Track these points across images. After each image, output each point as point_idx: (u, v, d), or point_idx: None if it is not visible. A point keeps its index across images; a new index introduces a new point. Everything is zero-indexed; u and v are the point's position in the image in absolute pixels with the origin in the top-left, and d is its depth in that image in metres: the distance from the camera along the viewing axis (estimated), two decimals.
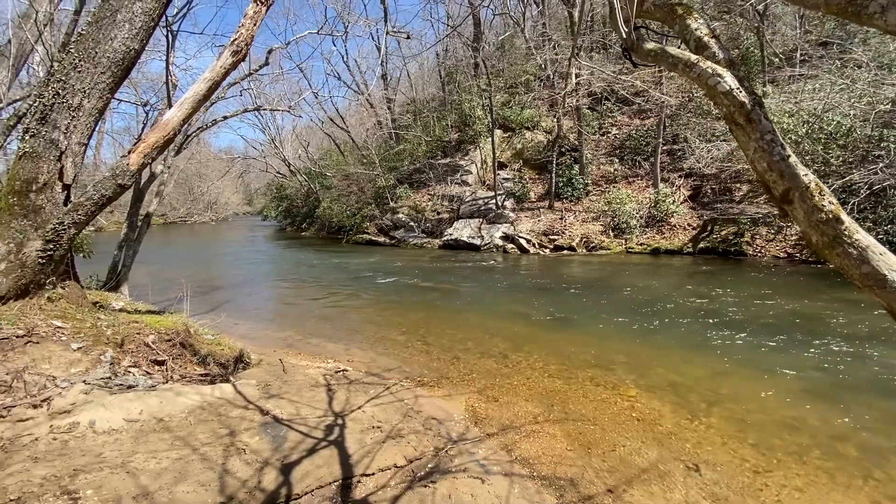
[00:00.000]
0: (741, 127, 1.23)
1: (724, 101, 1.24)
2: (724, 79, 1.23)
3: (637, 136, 20.21)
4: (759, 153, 1.18)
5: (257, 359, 5.55)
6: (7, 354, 3.48)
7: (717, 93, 1.24)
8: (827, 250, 1.08)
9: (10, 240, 4.04)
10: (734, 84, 1.23)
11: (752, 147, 1.21)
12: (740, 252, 14.18)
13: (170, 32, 7.47)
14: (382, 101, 29.51)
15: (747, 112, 1.21)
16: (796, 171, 1.12)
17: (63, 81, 4.22)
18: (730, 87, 1.22)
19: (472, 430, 4.01)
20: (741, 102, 1.22)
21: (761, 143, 1.17)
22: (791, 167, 1.14)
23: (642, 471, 3.46)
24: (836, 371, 5.44)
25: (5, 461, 2.86)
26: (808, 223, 1.09)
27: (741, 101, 1.22)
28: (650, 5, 1.44)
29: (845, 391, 4.92)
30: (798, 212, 1.14)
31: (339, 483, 3.05)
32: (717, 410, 4.50)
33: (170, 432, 3.40)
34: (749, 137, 1.21)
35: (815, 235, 1.08)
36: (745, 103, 1.22)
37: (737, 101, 1.23)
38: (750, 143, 1.22)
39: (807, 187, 1.10)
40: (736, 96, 1.23)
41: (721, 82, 1.23)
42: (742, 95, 1.23)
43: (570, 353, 6.23)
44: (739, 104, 1.22)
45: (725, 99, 1.23)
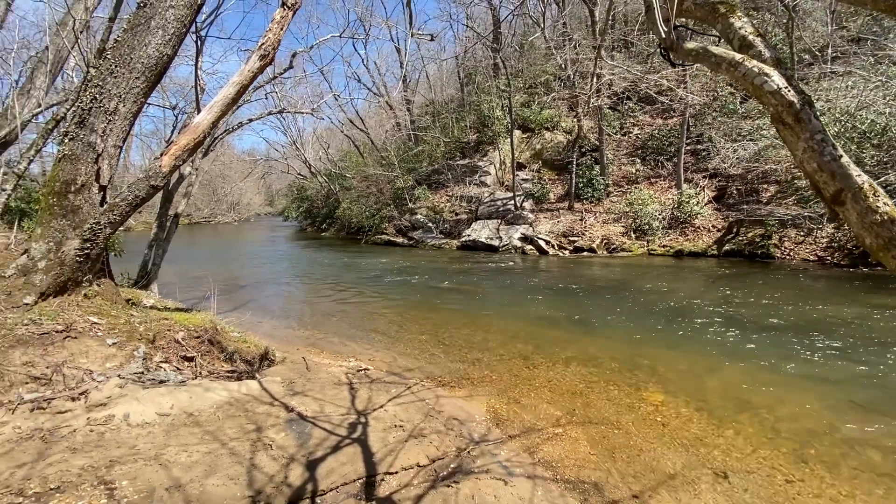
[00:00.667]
0: (789, 127, 1.19)
1: (771, 100, 1.21)
2: (772, 78, 1.20)
3: (660, 135, 19.84)
4: (808, 153, 1.14)
5: (281, 356, 5.65)
6: (48, 349, 3.63)
7: (764, 92, 1.21)
8: (882, 252, 1.04)
9: (50, 239, 4.21)
10: (782, 83, 1.19)
11: (801, 147, 1.18)
12: (767, 255, 13.78)
13: (198, 38, 7.69)
14: (401, 102, 29.72)
15: (796, 111, 1.17)
16: (849, 172, 1.09)
17: (100, 86, 4.38)
18: (777, 87, 1.19)
19: (493, 431, 4.00)
20: (789, 102, 1.19)
21: (811, 144, 1.14)
22: (843, 167, 1.10)
23: (669, 476, 3.40)
24: (873, 379, 5.24)
25: (46, 451, 2.98)
26: (862, 225, 1.05)
27: (789, 101, 1.19)
28: (690, 4, 1.42)
29: (883, 400, 4.73)
30: (851, 213, 1.10)
31: (363, 480, 3.09)
32: (746, 417, 4.38)
33: (199, 427, 3.50)
34: (798, 137, 1.18)
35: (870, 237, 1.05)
36: (793, 102, 1.18)
37: (785, 100, 1.19)
38: (799, 144, 1.18)
39: (860, 188, 1.07)
40: (784, 95, 1.19)
41: (768, 81, 1.20)
42: (790, 94, 1.19)
43: (592, 355, 6.15)
44: (788, 103, 1.19)
45: (773, 98, 1.20)
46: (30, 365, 3.46)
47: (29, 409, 3.23)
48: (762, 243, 14.14)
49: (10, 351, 3.48)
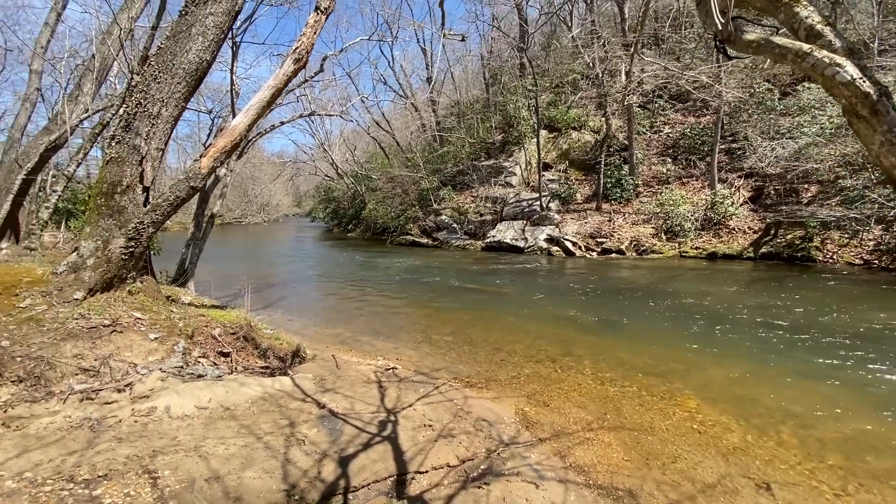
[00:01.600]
0: (865, 120, 1.13)
1: (843, 92, 1.14)
2: (844, 68, 1.13)
3: (692, 134, 19.25)
4: (886, 147, 1.07)
5: (311, 354, 5.76)
6: (95, 342, 3.80)
7: (836, 83, 1.15)
8: None
9: (97, 237, 4.42)
10: (856, 73, 1.13)
11: (878, 141, 1.11)
12: (808, 258, 13.16)
13: (234, 44, 7.94)
14: (427, 104, 29.87)
15: (872, 103, 1.11)
16: None
17: (144, 92, 4.58)
18: (851, 78, 1.13)
19: (523, 433, 3.96)
20: (865, 93, 1.12)
21: (889, 137, 1.07)
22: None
23: (707, 486, 3.28)
24: None
25: (94, 440, 3.13)
26: None
27: (865, 92, 1.12)
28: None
29: None
30: None
31: (394, 478, 3.11)
32: (789, 428, 4.19)
33: (235, 420, 3.60)
34: (874, 131, 1.11)
35: None
36: (869, 94, 1.11)
37: (860, 91, 1.12)
38: (875, 137, 1.12)
39: None
40: (859, 87, 1.13)
41: (840, 72, 1.13)
42: (866, 85, 1.12)
43: (622, 359, 6.02)
44: (863, 95, 1.12)
45: (846, 90, 1.13)
46: (79, 357, 3.64)
47: (79, 400, 3.40)
48: (802, 245, 13.52)
49: (61, 343, 3.67)
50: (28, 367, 3.37)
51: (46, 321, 3.81)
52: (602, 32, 20.72)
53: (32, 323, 3.76)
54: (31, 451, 2.87)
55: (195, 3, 4.70)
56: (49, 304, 3.96)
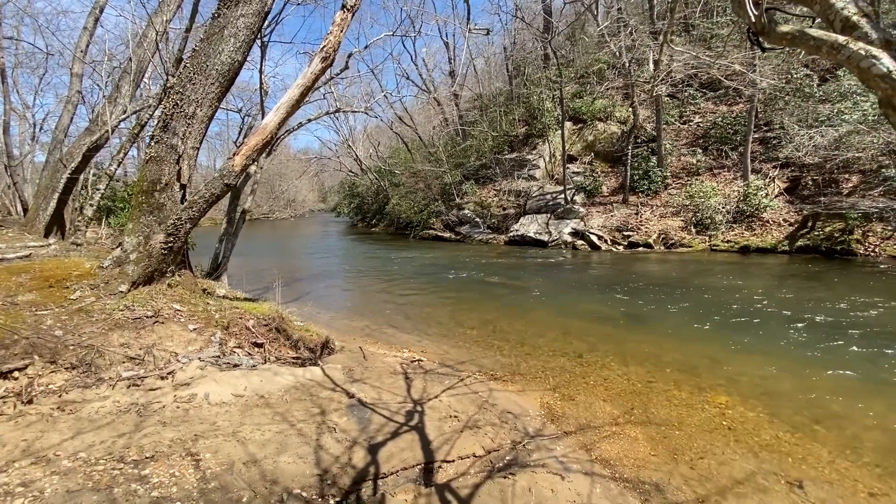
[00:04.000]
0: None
1: (880, 84, 1.12)
2: (881, 60, 1.11)
3: (723, 123, 18.60)
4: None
5: (339, 345, 5.92)
6: (140, 332, 4.03)
7: (872, 76, 1.13)
8: None
9: (139, 233, 4.65)
10: (892, 66, 1.11)
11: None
12: (848, 251, 12.60)
13: (262, 44, 8.13)
14: (449, 97, 29.80)
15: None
16: None
17: (181, 93, 4.77)
18: (888, 69, 1.11)
19: (548, 426, 3.99)
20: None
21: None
22: None
23: (736, 482, 3.24)
24: None
25: (141, 423, 3.33)
26: None
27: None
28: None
29: None
30: None
31: (421, 466, 3.20)
32: (824, 425, 4.08)
33: (270, 408, 3.76)
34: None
35: None
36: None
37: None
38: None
39: None
40: (895, 79, 1.11)
41: (876, 64, 1.12)
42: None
43: (649, 354, 5.94)
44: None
45: (882, 82, 1.12)
46: (126, 346, 3.87)
47: (126, 386, 3.62)
48: (842, 238, 12.95)
49: (109, 333, 3.90)
50: (80, 355, 3.60)
51: (95, 312, 4.05)
52: (629, 20, 20.17)
53: (82, 314, 4.01)
54: (85, 434, 3.08)
55: (227, 6, 4.85)
56: (97, 297, 4.21)
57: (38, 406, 3.34)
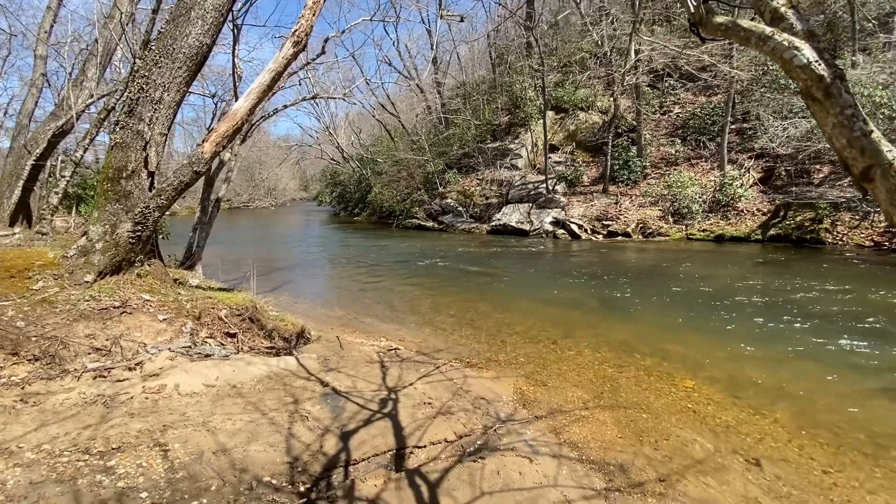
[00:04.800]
0: (819, 102, 1.15)
1: (800, 75, 1.16)
2: (802, 51, 1.15)
3: (702, 114, 18.88)
4: (837, 129, 1.10)
5: (316, 335, 5.90)
6: (106, 323, 3.94)
7: (794, 66, 1.16)
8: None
9: (105, 222, 4.53)
10: (812, 56, 1.14)
11: (831, 123, 1.14)
12: (817, 240, 13.02)
13: (235, 27, 7.90)
14: (432, 85, 29.50)
15: (826, 86, 1.13)
16: (879, 147, 1.05)
17: (146, 77, 4.62)
18: (808, 60, 1.14)
19: (520, 411, 4.07)
20: (819, 76, 1.14)
21: (840, 119, 1.10)
22: (873, 143, 1.06)
23: (697, 462, 3.37)
24: None
25: (107, 415, 3.28)
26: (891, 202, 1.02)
27: (819, 75, 1.14)
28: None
29: None
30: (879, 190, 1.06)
31: (393, 452, 3.23)
32: (783, 406, 4.25)
33: (242, 397, 3.74)
34: (827, 113, 1.14)
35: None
36: (823, 76, 1.13)
37: (815, 74, 1.15)
38: (828, 119, 1.14)
39: (890, 164, 1.03)
40: (814, 69, 1.14)
41: (797, 55, 1.15)
42: (821, 68, 1.14)
43: (622, 341, 6.09)
44: (818, 78, 1.14)
45: (802, 73, 1.15)
46: (92, 337, 3.79)
47: (92, 377, 3.55)
48: (812, 227, 13.36)
49: (74, 324, 3.81)
50: (43, 347, 3.52)
51: (59, 303, 3.95)
52: (611, 9, 20.19)
53: (46, 304, 3.90)
54: (49, 426, 3.03)
55: None
56: (61, 287, 4.10)
57: (0, 398, 3.26)
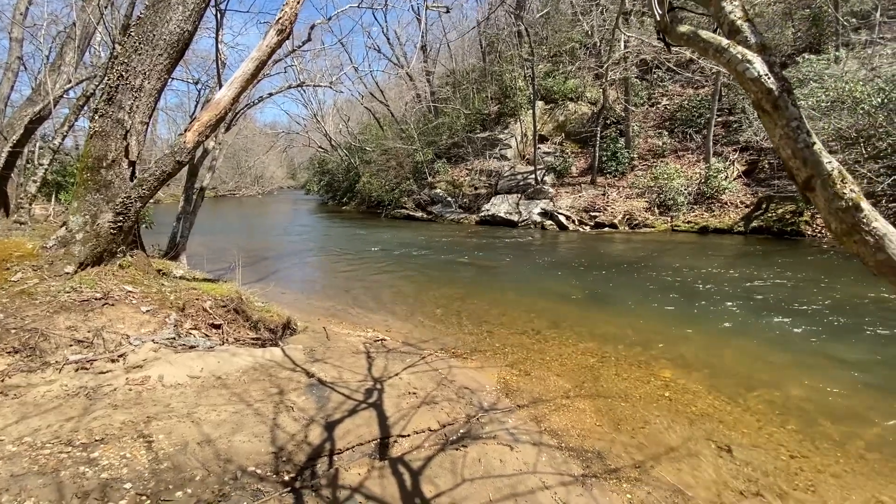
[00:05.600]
0: (768, 113, 1.21)
1: (752, 87, 1.22)
2: (753, 65, 1.20)
3: (689, 106, 19.04)
4: (784, 140, 1.17)
5: (303, 326, 5.91)
6: (88, 315, 3.91)
7: (746, 79, 1.22)
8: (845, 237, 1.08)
9: (85, 212, 4.46)
10: (763, 70, 1.20)
11: (778, 134, 1.20)
12: (797, 232, 13.33)
13: (218, 12, 7.72)
14: (421, 73, 29.20)
15: (774, 99, 1.19)
16: (820, 159, 1.11)
17: (126, 64, 4.52)
18: (758, 74, 1.20)
19: (503, 400, 4.16)
20: (768, 89, 1.20)
21: (787, 130, 1.16)
22: (815, 155, 1.12)
23: (671, 448, 3.50)
24: (893, 361, 5.15)
25: (90, 407, 3.28)
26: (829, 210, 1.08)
27: (769, 88, 1.20)
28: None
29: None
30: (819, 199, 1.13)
31: (377, 441, 3.29)
32: (756, 395, 4.41)
33: (227, 388, 3.76)
34: (775, 124, 1.20)
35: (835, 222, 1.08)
36: (772, 90, 1.20)
37: (764, 87, 1.21)
38: (776, 130, 1.20)
39: (829, 175, 1.09)
40: (764, 83, 1.20)
41: (749, 68, 1.21)
42: (770, 82, 1.20)
43: (605, 332, 6.21)
44: (767, 91, 1.20)
45: (753, 85, 1.21)
46: (73, 329, 3.76)
47: (74, 369, 3.54)
48: (792, 220, 13.66)
49: (54, 316, 3.78)
50: (23, 339, 3.49)
51: (39, 294, 3.91)
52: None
53: (25, 296, 3.85)
54: (30, 418, 3.02)
55: None
56: (40, 278, 4.05)
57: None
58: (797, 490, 3.08)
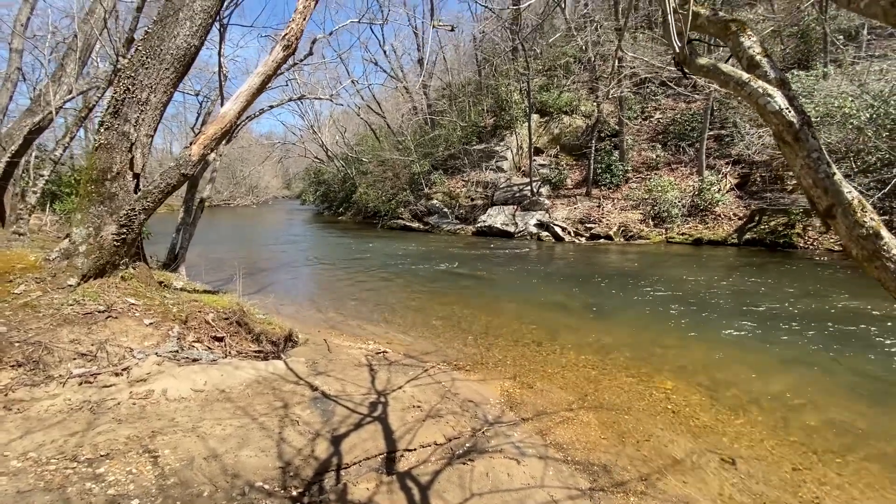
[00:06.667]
0: (789, 145, 1.28)
1: (773, 119, 1.29)
2: (775, 98, 1.27)
3: (682, 120, 19.38)
4: (805, 170, 1.23)
5: (303, 338, 5.89)
6: (91, 328, 3.89)
7: (767, 112, 1.29)
8: (866, 263, 1.13)
9: (89, 224, 4.46)
10: (784, 104, 1.27)
11: (799, 164, 1.26)
12: (790, 244, 13.53)
13: (221, 26, 7.80)
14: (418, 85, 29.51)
15: (795, 131, 1.26)
16: (840, 189, 1.17)
17: (132, 77, 4.56)
18: (779, 107, 1.27)
19: (507, 413, 4.16)
20: (789, 122, 1.27)
21: (808, 161, 1.22)
22: (835, 184, 1.19)
23: (676, 461, 3.52)
24: (890, 373, 5.23)
25: (94, 421, 3.25)
26: (850, 237, 1.14)
27: (790, 121, 1.27)
28: (704, 20, 1.48)
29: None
30: (840, 226, 1.19)
31: (383, 456, 3.29)
32: (757, 407, 4.45)
33: (231, 402, 3.74)
34: (796, 155, 1.26)
35: (856, 249, 1.14)
36: (793, 122, 1.27)
37: (785, 120, 1.27)
38: (797, 161, 1.27)
39: (850, 204, 1.16)
40: (784, 116, 1.27)
41: (771, 102, 1.27)
42: (791, 115, 1.27)
43: (605, 343, 6.25)
44: (788, 123, 1.27)
45: (775, 118, 1.28)
46: (76, 342, 3.73)
47: (77, 383, 3.50)
48: (785, 232, 13.87)
49: (58, 329, 3.75)
50: (26, 352, 3.46)
51: (42, 307, 3.88)
52: (595, 16, 20.54)
53: (28, 309, 3.83)
54: (34, 433, 2.99)
55: None
56: (44, 291, 4.02)
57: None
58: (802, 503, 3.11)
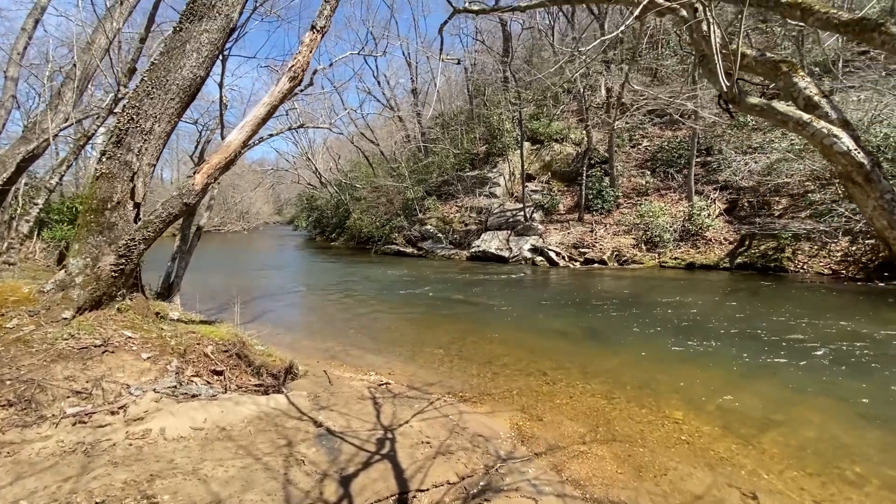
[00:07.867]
0: (859, 186, 1.28)
1: (840, 160, 1.29)
2: (841, 139, 1.28)
3: (669, 147, 19.89)
4: (878, 211, 1.22)
5: (303, 370, 5.73)
6: (87, 363, 3.73)
7: (834, 153, 1.29)
8: None
9: (87, 254, 4.34)
10: (852, 145, 1.28)
11: (871, 205, 1.26)
12: (780, 268, 13.72)
13: (223, 57, 7.90)
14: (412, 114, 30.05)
15: (866, 172, 1.26)
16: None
17: (137, 108, 4.54)
18: (847, 148, 1.27)
19: (519, 448, 4.04)
20: (860, 163, 1.27)
21: (881, 202, 1.22)
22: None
23: (696, 497, 3.41)
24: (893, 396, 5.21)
25: (89, 465, 3.06)
26: None
27: (860, 162, 1.27)
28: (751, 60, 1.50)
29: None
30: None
31: (395, 497, 3.13)
32: (770, 437, 4.38)
33: (232, 441, 3.57)
34: (868, 196, 1.26)
35: None
36: (863, 164, 1.27)
37: (855, 161, 1.27)
38: (868, 202, 1.27)
39: None
40: (854, 156, 1.27)
41: (837, 143, 1.28)
42: (860, 156, 1.27)
43: (609, 371, 6.17)
44: (858, 164, 1.27)
45: (843, 159, 1.28)
46: (71, 379, 3.57)
47: (71, 423, 3.32)
48: (775, 256, 14.08)
49: (52, 365, 3.59)
50: (18, 391, 3.29)
51: (35, 342, 3.72)
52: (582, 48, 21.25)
53: (21, 344, 3.67)
54: (25, 478, 2.80)
55: (189, 20, 4.70)
56: (37, 325, 3.87)
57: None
58: None
